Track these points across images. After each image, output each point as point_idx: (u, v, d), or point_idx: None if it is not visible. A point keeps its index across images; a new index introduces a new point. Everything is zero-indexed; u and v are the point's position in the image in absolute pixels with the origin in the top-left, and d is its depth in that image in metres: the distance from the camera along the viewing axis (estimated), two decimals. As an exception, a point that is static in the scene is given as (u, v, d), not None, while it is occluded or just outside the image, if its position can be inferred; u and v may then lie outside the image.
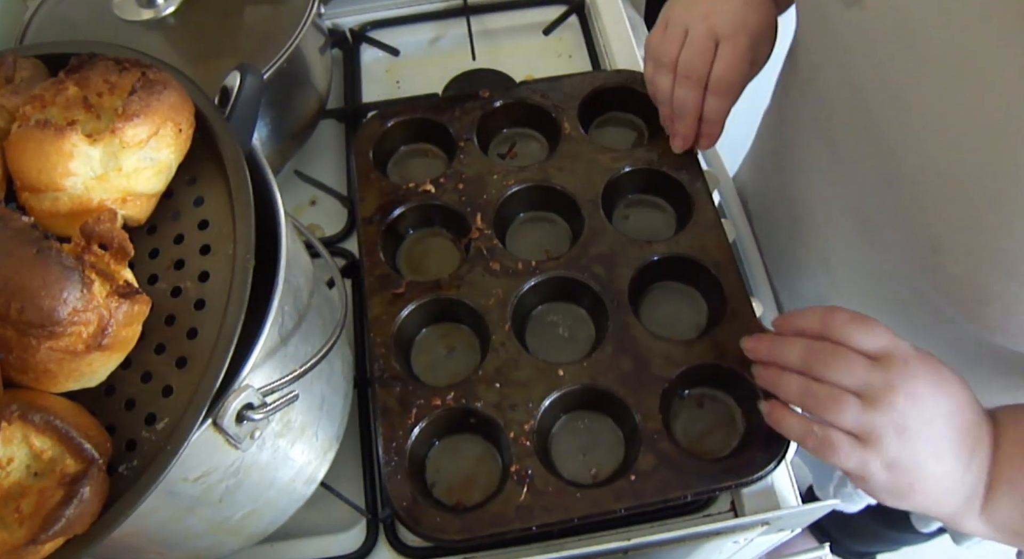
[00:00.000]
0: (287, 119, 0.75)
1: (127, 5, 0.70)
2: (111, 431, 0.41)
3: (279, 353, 0.46)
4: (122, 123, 0.43)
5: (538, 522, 0.55)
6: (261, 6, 0.71)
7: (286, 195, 0.52)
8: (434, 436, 0.62)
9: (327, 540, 0.63)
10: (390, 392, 0.61)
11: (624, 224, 0.71)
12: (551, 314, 0.67)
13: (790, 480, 0.63)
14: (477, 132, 0.74)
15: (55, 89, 0.45)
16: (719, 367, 0.61)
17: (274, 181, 0.49)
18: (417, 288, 0.66)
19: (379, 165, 0.74)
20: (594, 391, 0.60)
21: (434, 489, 0.60)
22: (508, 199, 0.70)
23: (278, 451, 0.49)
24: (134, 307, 0.40)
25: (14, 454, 0.38)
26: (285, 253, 0.46)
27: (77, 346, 0.38)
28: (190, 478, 0.42)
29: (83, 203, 0.43)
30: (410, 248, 0.72)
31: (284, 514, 0.54)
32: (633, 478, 0.56)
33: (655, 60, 0.68)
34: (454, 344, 0.66)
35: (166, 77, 0.46)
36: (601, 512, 0.55)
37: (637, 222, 0.72)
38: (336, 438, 0.57)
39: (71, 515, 0.36)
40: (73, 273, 0.37)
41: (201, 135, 0.47)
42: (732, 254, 0.66)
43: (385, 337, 0.63)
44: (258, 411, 0.42)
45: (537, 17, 0.94)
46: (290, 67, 0.69)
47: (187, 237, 0.45)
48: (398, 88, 0.90)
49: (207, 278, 0.43)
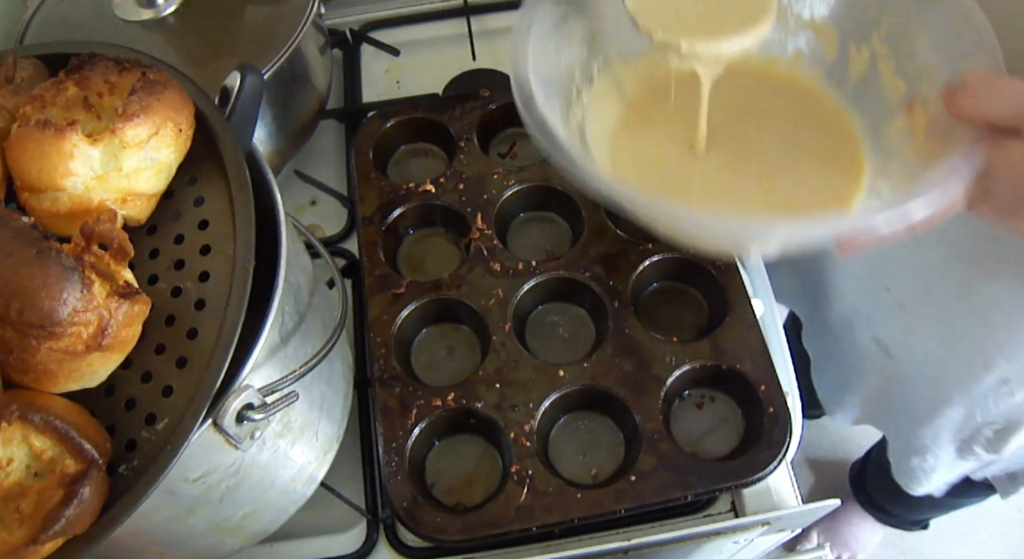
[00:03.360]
0: (287, 119, 0.75)
1: (127, 5, 0.70)
2: (111, 431, 0.41)
3: (279, 353, 0.46)
4: (122, 123, 0.43)
5: (538, 523, 0.55)
6: (261, 6, 0.71)
7: (286, 195, 0.52)
8: (434, 437, 0.62)
9: (327, 540, 0.63)
10: (390, 392, 0.61)
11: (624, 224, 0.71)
12: (551, 314, 0.67)
13: (790, 480, 0.63)
14: (477, 132, 0.74)
15: (55, 89, 0.45)
16: (719, 368, 0.61)
17: (274, 181, 0.49)
18: (417, 288, 0.66)
19: (379, 165, 0.74)
20: (594, 392, 0.60)
21: (434, 489, 0.60)
22: (508, 199, 0.70)
23: (278, 451, 0.49)
24: (134, 307, 0.40)
25: (14, 454, 0.38)
26: (285, 253, 0.46)
27: (77, 346, 0.38)
28: (190, 478, 0.42)
29: (83, 203, 0.43)
30: (410, 248, 0.72)
31: (284, 514, 0.54)
32: (633, 479, 0.56)
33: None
34: (454, 344, 0.66)
35: (166, 77, 0.46)
36: (601, 513, 0.55)
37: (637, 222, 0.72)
38: (336, 438, 0.57)
39: (71, 515, 0.36)
40: (73, 273, 0.37)
41: (201, 135, 0.47)
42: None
43: (385, 337, 0.63)
44: (258, 411, 0.42)
45: (537, 17, 0.94)
46: (290, 67, 0.69)
47: (187, 237, 0.45)
48: (398, 88, 0.90)
49: (207, 278, 0.43)
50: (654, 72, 0.58)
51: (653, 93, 0.58)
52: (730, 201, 0.53)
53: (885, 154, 0.53)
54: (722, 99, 0.53)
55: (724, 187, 0.54)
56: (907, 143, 0.50)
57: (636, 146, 0.56)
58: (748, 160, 0.55)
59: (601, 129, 0.56)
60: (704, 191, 0.54)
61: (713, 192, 0.54)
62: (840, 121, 0.56)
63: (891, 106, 0.53)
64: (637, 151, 0.56)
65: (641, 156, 0.56)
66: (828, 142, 0.55)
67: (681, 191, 0.54)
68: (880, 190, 0.51)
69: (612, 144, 0.56)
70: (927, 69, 0.50)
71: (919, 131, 0.49)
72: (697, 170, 0.54)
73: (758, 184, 0.53)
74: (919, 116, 0.49)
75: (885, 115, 0.53)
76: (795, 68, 0.58)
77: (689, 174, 0.55)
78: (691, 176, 0.55)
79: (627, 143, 0.56)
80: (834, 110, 0.57)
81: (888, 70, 0.53)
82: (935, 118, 0.48)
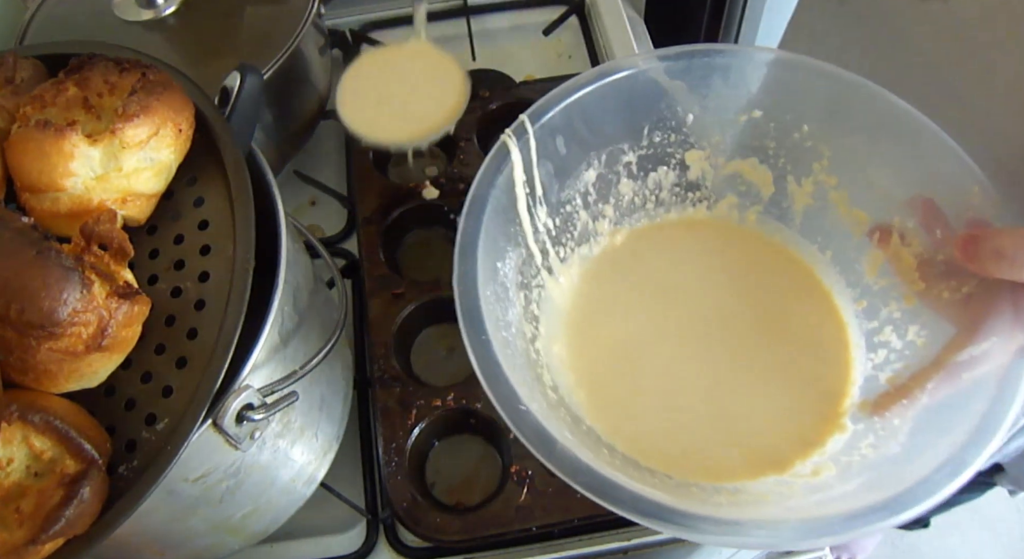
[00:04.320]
0: (287, 119, 0.75)
1: (127, 5, 0.70)
2: (111, 431, 0.41)
3: (279, 353, 0.46)
4: (122, 123, 0.43)
5: (538, 523, 0.55)
6: (261, 6, 0.71)
7: (286, 195, 0.52)
8: (434, 437, 0.62)
9: (327, 540, 0.63)
10: (390, 393, 0.61)
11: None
12: (551, 314, 0.67)
13: (790, 480, 0.63)
14: (477, 132, 0.74)
15: (55, 89, 0.45)
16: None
17: (274, 181, 0.49)
18: (417, 288, 0.66)
19: (379, 165, 0.74)
20: (594, 391, 0.60)
21: (434, 489, 0.60)
22: (508, 199, 0.70)
23: (278, 451, 0.49)
24: (134, 308, 0.40)
25: (14, 454, 0.38)
26: (285, 253, 0.46)
27: (77, 347, 0.38)
28: (190, 478, 0.42)
29: (83, 203, 0.43)
30: (410, 248, 0.72)
31: (284, 514, 0.54)
32: (633, 478, 0.56)
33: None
34: (454, 344, 0.66)
35: (166, 77, 0.46)
36: (601, 513, 0.55)
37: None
38: (336, 439, 0.57)
39: (71, 515, 0.36)
40: (73, 274, 0.37)
41: (201, 135, 0.47)
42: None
43: (385, 337, 0.63)
44: (258, 411, 0.42)
45: (537, 17, 0.94)
46: (290, 67, 0.69)
47: (187, 237, 0.45)
48: (398, 88, 0.90)
49: (207, 278, 0.43)
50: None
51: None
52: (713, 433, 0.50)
53: (871, 298, 0.51)
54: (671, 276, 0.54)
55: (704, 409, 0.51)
56: (895, 282, 0.49)
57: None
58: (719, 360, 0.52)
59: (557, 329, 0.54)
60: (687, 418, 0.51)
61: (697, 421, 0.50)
62: (803, 273, 0.55)
63: (856, 241, 0.52)
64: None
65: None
66: (800, 304, 0.53)
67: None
68: (886, 340, 0.49)
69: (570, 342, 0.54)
70: (890, 196, 0.49)
71: (905, 267, 0.47)
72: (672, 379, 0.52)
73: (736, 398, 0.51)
74: (900, 250, 0.48)
75: (851, 252, 0.52)
76: (724, 216, 0.58)
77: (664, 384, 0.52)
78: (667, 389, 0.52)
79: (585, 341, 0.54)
80: (789, 257, 0.56)
81: (841, 201, 0.52)
82: (927, 252, 0.46)
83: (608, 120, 0.53)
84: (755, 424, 0.50)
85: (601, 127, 0.54)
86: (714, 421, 0.50)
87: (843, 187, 0.52)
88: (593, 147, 0.55)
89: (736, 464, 0.48)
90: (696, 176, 0.57)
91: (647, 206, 0.58)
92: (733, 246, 0.57)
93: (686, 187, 0.58)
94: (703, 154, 0.56)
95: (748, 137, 0.55)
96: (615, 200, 0.57)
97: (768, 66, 0.51)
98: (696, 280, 0.56)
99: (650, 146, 0.56)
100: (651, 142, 0.55)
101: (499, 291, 0.47)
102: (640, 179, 0.57)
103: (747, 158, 0.56)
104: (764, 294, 0.55)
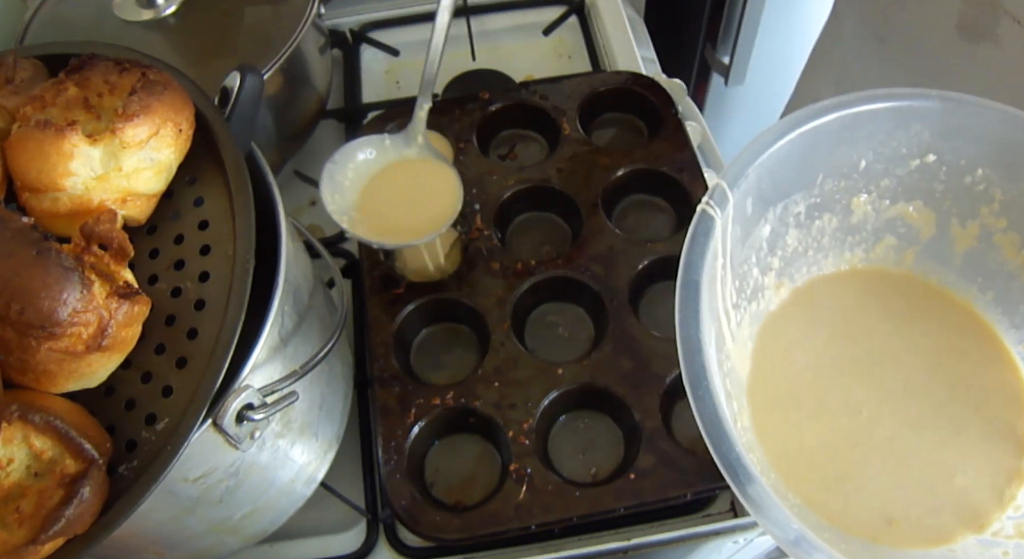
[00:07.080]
0: (287, 119, 0.75)
1: (127, 5, 0.70)
2: (111, 431, 0.41)
3: (279, 353, 0.46)
4: (122, 123, 0.43)
5: (537, 521, 0.55)
6: (261, 6, 0.71)
7: (286, 195, 0.52)
8: (433, 436, 0.62)
9: (327, 540, 0.63)
10: (390, 392, 0.61)
11: (624, 224, 0.71)
12: (551, 314, 0.67)
13: (790, 480, 0.63)
14: (477, 133, 0.74)
15: (55, 89, 0.45)
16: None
17: (274, 181, 0.49)
18: (417, 288, 0.66)
19: (379, 165, 0.74)
20: (593, 390, 0.60)
21: (433, 489, 0.60)
22: (508, 200, 0.70)
23: (278, 451, 0.49)
24: (134, 308, 0.40)
25: (14, 454, 0.38)
26: (285, 253, 0.46)
27: (77, 347, 0.38)
28: (190, 478, 0.42)
29: (83, 203, 0.43)
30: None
31: (284, 514, 0.54)
32: (633, 477, 0.56)
33: None
34: (453, 344, 0.66)
35: (166, 77, 0.46)
36: (601, 511, 0.55)
37: (637, 222, 0.72)
38: (336, 438, 0.57)
39: (71, 515, 0.36)
40: (73, 274, 0.37)
41: (201, 135, 0.47)
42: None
43: (385, 337, 0.63)
44: (258, 411, 0.42)
45: (537, 17, 0.94)
46: (290, 67, 0.69)
47: (187, 237, 0.45)
48: (398, 88, 0.90)
49: (207, 278, 0.43)
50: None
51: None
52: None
53: None
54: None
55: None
56: None
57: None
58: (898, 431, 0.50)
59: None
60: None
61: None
62: (966, 315, 0.53)
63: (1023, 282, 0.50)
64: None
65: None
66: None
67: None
68: None
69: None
70: None
71: None
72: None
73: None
74: None
75: (1017, 293, 0.51)
76: (880, 258, 0.56)
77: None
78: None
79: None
80: (948, 298, 0.54)
81: (1009, 244, 0.51)
82: None
83: (788, 172, 0.51)
84: (957, 482, 0.48)
85: (783, 181, 0.51)
86: (917, 484, 0.48)
87: (1012, 230, 0.51)
88: (772, 202, 0.52)
89: (946, 527, 0.47)
90: (858, 220, 0.56)
91: (808, 253, 0.56)
92: (894, 289, 0.56)
93: (846, 231, 0.56)
94: (868, 198, 0.55)
95: (916, 180, 0.53)
96: (781, 252, 0.55)
97: (942, 111, 0.49)
98: (865, 337, 0.53)
99: (820, 194, 0.54)
100: (821, 190, 0.53)
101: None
102: (806, 228, 0.55)
103: (912, 201, 0.54)
104: (931, 340, 0.53)
